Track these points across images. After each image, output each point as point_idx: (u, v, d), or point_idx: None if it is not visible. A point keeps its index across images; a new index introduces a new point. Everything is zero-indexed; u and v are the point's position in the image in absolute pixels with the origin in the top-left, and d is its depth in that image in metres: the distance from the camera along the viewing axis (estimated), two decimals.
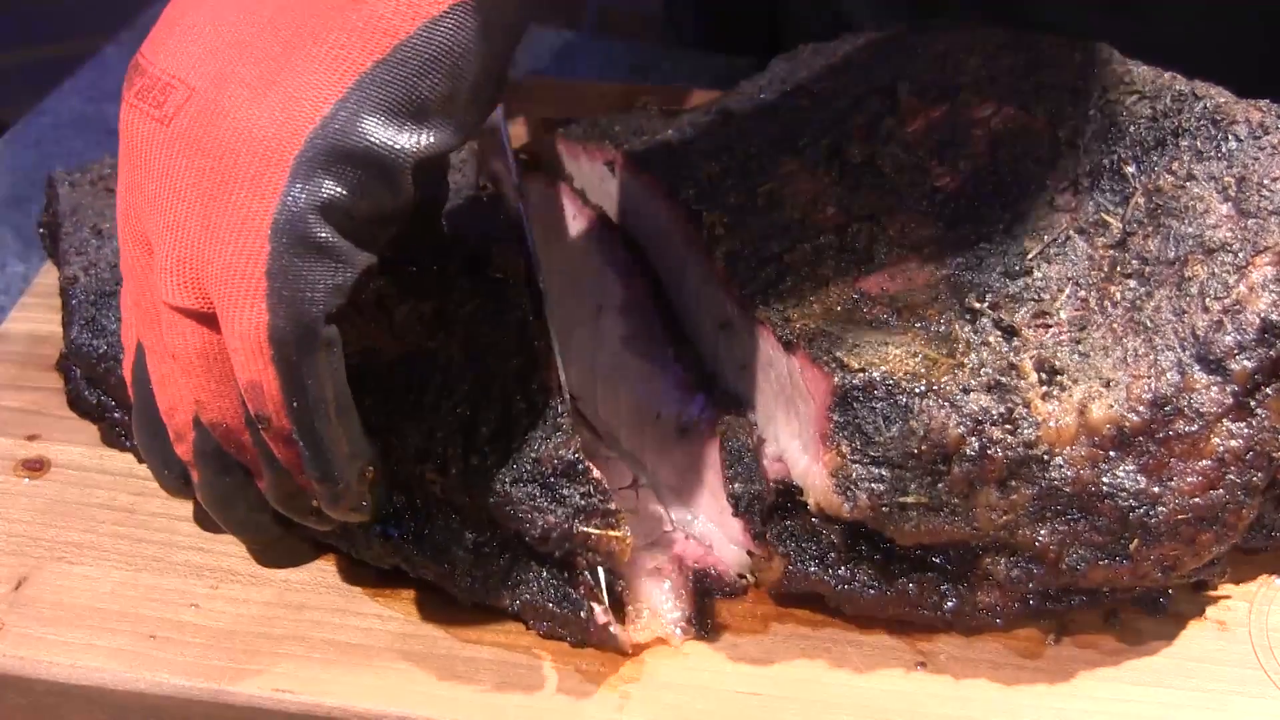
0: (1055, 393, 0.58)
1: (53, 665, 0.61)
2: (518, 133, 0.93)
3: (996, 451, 0.57)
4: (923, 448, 0.57)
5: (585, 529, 0.59)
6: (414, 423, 0.61)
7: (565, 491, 0.60)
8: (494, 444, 0.61)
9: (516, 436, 0.61)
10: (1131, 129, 0.65)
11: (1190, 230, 0.61)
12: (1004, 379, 0.58)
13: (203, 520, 0.66)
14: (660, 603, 0.63)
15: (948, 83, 0.71)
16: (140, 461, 0.70)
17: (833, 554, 0.62)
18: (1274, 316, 0.58)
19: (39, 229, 0.75)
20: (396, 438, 0.61)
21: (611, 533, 0.59)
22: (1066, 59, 0.71)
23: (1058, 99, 0.68)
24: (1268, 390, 0.58)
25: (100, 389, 0.69)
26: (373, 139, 0.51)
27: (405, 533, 0.62)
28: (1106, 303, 0.61)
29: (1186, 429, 0.57)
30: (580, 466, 0.60)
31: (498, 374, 0.63)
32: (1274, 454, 0.58)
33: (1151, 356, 0.59)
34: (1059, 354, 0.59)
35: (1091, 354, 0.59)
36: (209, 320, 0.53)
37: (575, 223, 0.80)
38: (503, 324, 0.65)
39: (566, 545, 0.59)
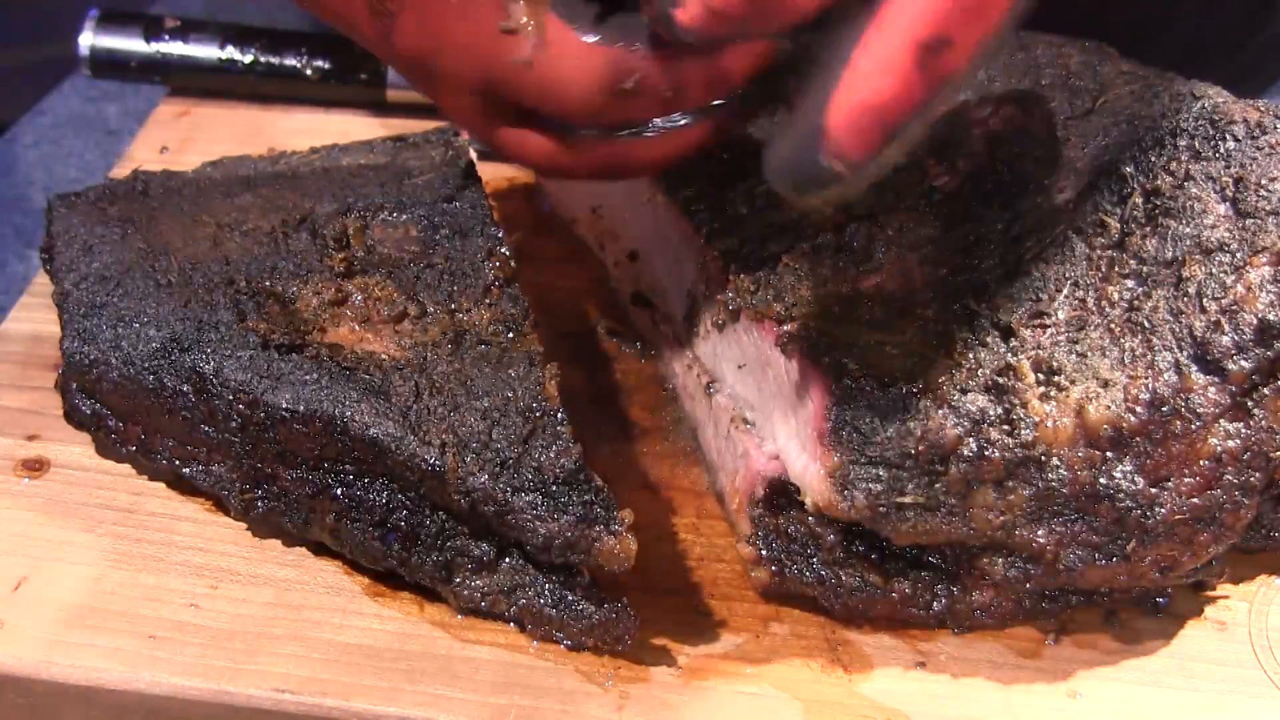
0: (1053, 393, 0.58)
1: (52, 665, 0.61)
2: None
3: (994, 452, 0.57)
4: (920, 448, 0.57)
5: (589, 536, 0.59)
6: (412, 430, 0.61)
7: (567, 499, 0.60)
8: (494, 453, 0.60)
9: (516, 445, 0.61)
10: (1130, 129, 0.65)
11: (1188, 230, 0.61)
12: (1001, 379, 0.58)
13: None
14: None
15: None
16: (139, 471, 0.69)
17: (824, 553, 0.62)
18: (1271, 317, 0.58)
19: (41, 253, 0.75)
20: (394, 445, 0.61)
21: (614, 540, 0.59)
22: (1065, 59, 0.71)
23: (1056, 99, 0.68)
24: (1265, 391, 0.58)
25: (95, 399, 0.69)
26: None
27: (402, 538, 0.62)
28: (1104, 303, 0.61)
29: (1184, 429, 0.57)
30: (582, 474, 0.60)
31: (496, 381, 0.63)
32: (1271, 454, 0.58)
33: (1149, 357, 0.58)
34: (1056, 354, 0.59)
35: (1089, 354, 0.59)
36: None
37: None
38: (498, 330, 0.65)
39: (569, 553, 0.59)
